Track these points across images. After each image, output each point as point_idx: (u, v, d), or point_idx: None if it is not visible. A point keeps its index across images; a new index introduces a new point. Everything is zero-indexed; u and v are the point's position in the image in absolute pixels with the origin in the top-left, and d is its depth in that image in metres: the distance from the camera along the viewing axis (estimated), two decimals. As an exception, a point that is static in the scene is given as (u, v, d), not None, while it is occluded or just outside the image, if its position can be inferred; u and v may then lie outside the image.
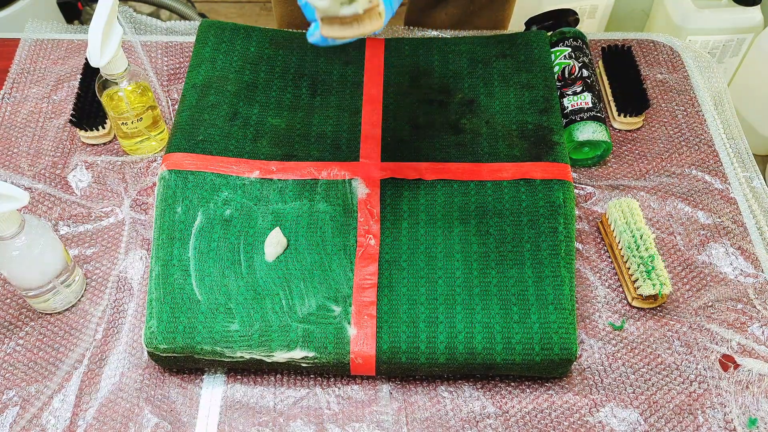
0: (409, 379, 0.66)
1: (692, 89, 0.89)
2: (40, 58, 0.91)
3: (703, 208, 0.78)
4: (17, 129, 0.84)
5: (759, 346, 0.68)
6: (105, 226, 0.76)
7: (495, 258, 0.67)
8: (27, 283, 0.65)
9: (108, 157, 0.81)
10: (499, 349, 0.63)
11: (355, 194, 0.71)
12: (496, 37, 0.84)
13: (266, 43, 0.82)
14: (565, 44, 0.85)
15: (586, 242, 0.75)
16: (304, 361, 0.63)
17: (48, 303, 0.68)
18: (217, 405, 0.65)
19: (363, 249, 0.68)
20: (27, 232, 0.62)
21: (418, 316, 0.64)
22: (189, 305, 0.64)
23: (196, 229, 0.68)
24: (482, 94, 0.78)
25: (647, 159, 0.82)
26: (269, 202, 0.70)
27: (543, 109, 0.76)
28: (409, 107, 0.78)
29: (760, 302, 0.71)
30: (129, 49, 0.90)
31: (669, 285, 0.67)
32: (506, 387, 0.66)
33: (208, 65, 0.79)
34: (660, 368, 0.67)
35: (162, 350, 0.63)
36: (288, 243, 0.68)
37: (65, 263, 0.67)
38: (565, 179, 0.71)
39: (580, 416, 0.64)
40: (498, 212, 0.69)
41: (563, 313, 0.64)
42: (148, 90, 0.77)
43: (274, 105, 0.77)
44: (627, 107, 0.83)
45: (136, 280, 0.72)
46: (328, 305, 0.65)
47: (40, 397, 0.65)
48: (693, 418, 0.64)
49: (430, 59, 0.82)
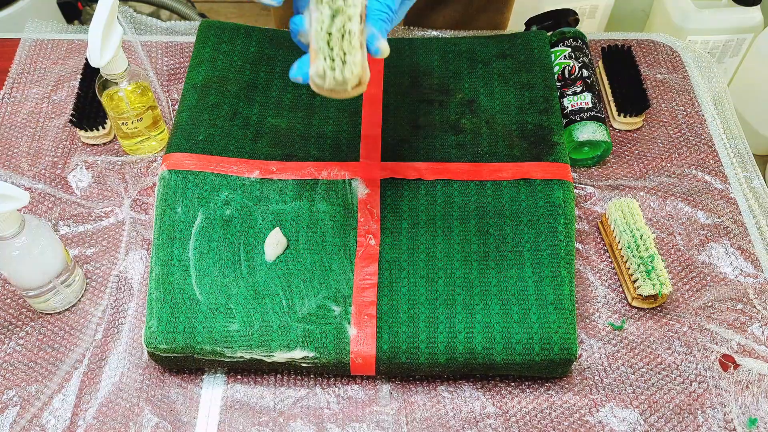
0: (409, 379, 0.66)
1: (692, 89, 0.89)
2: (40, 58, 0.91)
3: (703, 208, 0.78)
4: (17, 129, 0.84)
5: (759, 346, 0.68)
6: (105, 226, 0.76)
7: (495, 258, 0.67)
8: (27, 283, 0.65)
9: (108, 157, 0.81)
10: (499, 349, 0.63)
11: (355, 194, 0.71)
12: (496, 37, 0.84)
13: (266, 43, 0.82)
14: (565, 44, 0.85)
15: (586, 242, 0.75)
16: (304, 361, 0.63)
17: (48, 303, 0.68)
18: (217, 405, 0.65)
19: (363, 249, 0.68)
20: (27, 232, 0.62)
21: (418, 316, 0.64)
22: (189, 305, 0.64)
23: (196, 229, 0.68)
24: (482, 94, 0.78)
25: (647, 159, 0.82)
26: (269, 202, 0.70)
27: (543, 109, 0.76)
28: (409, 107, 0.78)
29: (760, 302, 0.71)
30: (129, 49, 0.90)
31: (669, 285, 0.67)
32: (506, 387, 0.66)
33: (208, 65, 0.79)
34: (660, 368, 0.67)
35: (162, 350, 0.63)
36: (288, 243, 0.68)
37: (65, 263, 0.67)
38: (565, 179, 0.71)
39: (580, 416, 0.64)
40: (498, 212, 0.69)
41: (563, 313, 0.64)
42: (148, 90, 0.77)
43: (274, 105, 0.77)
44: (627, 107, 0.83)
45: (136, 280, 0.72)
46: (328, 305, 0.65)
47: (40, 397, 0.65)
48: (693, 418, 0.64)
49: (430, 59, 0.82)
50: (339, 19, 0.54)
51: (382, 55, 0.57)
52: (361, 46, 0.55)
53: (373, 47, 0.56)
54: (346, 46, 0.55)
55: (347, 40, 0.54)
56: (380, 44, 0.56)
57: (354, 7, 0.54)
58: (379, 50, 0.56)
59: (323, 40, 0.55)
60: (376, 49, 0.56)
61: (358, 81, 0.56)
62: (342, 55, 0.55)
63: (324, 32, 0.55)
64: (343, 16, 0.54)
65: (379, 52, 0.56)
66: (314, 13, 0.56)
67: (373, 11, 0.57)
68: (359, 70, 0.55)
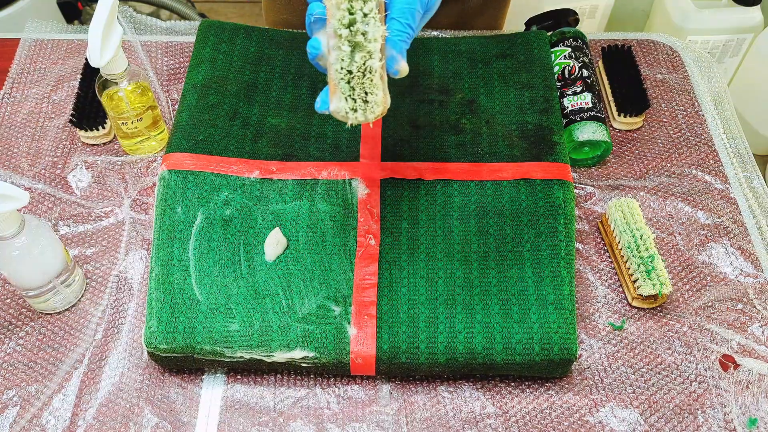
0: (409, 379, 0.66)
1: (692, 89, 0.89)
2: (40, 58, 0.91)
3: (703, 208, 0.78)
4: (17, 129, 0.84)
5: (759, 346, 0.68)
6: (105, 226, 0.76)
7: (495, 258, 0.67)
8: (27, 283, 0.65)
9: (108, 157, 0.81)
10: (499, 349, 0.63)
11: (355, 194, 0.71)
12: (496, 37, 0.84)
13: (266, 43, 0.82)
14: (565, 44, 0.85)
15: (586, 242, 0.75)
16: (304, 361, 0.63)
17: (48, 303, 0.68)
18: (217, 405, 0.65)
19: (363, 249, 0.68)
20: (27, 232, 0.62)
21: (418, 316, 0.64)
22: (189, 305, 0.64)
23: (196, 229, 0.68)
24: (482, 94, 0.78)
25: (647, 159, 0.82)
26: (269, 202, 0.70)
27: (543, 109, 0.76)
28: (409, 107, 0.78)
29: (760, 302, 0.71)
30: (129, 49, 0.90)
31: (669, 285, 0.67)
32: (506, 387, 0.66)
33: (208, 65, 0.79)
34: (660, 368, 0.67)
35: (162, 350, 0.63)
36: (288, 243, 0.68)
37: (65, 263, 0.67)
38: (565, 179, 0.71)
39: (580, 416, 0.64)
40: (498, 212, 0.69)
41: (563, 313, 0.64)
42: (148, 90, 0.77)
43: (274, 105, 0.77)
44: (627, 107, 0.83)
45: (136, 280, 0.72)
46: (328, 305, 0.65)
47: (40, 397, 0.65)
48: (693, 418, 0.64)
49: (430, 59, 0.82)
50: (359, 56, 0.52)
51: (401, 76, 0.55)
52: (381, 78, 0.53)
53: (392, 69, 0.54)
54: (367, 86, 0.52)
55: (368, 78, 0.52)
56: (400, 66, 0.54)
57: (374, 42, 0.52)
58: (398, 72, 0.54)
59: (343, 80, 0.53)
60: (395, 71, 0.54)
61: (381, 113, 0.54)
62: (363, 96, 0.53)
63: (344, 70, 0.52)
64: (362, 51, 0.52)
65: (398, 73, 0.54)
66: (332, 41, 0.53)
67: (393, 32, 0.54)
68: (381, 109, 0.53)
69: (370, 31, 0.52)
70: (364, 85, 0.53)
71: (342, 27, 0.52)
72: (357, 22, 0.52)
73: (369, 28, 0.52)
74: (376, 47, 0.52)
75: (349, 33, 0.52)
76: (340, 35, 0.52)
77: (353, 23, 0.52)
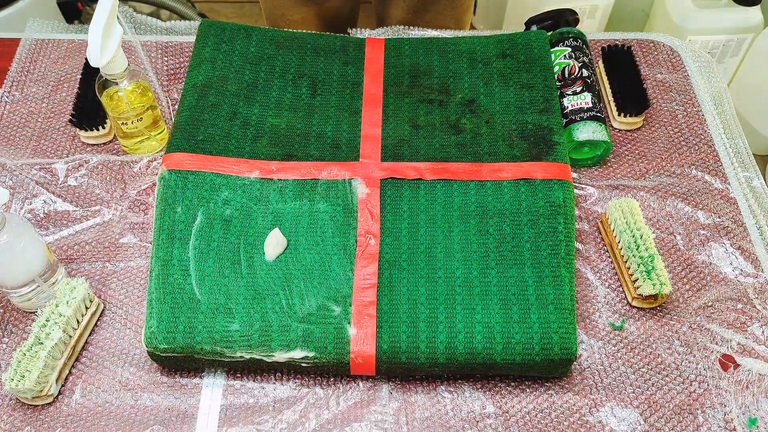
0: (409, 379, 0.66)
1: (692, 89, 0.89)
2: (40, 57, 0.91)
3: (703, 208, 0.78)
4: (17, 129, 0.84)
5: (759, 346, 0.68)
6: (104, 225, 0.76)
7: (495, 258, 0.67)
8: (11, 281, 0.65)
9: (108, 156, 0.81)
10: (499, 349, 0.63)
11: (355, 194, 0.71)
12: (496, 37, 0.84)
13: (266, 43, 0.82)
14: (565, 44, 0.85)
15: (586, 242, 0.75)
16: (304, 361, 0.63)
17: (31, 302, 0.68)
18: (217, 405, 0.65)
19: (363, 249, 0.68)
20: (8, 230, 0.61)
21: (418, 316, 0.64)
22: (189, 305, 0.64)
23: (195, 228, 0.68)
24: (482, 93, 0.78)
25: (647, 159, 0.82)
26: (269, 202, 0.70)
27: (543, 109, 0.76)
28: (409, 107, 0.78)
29: (760, 302, 0.71)
30: (129, 49, 0.90)
31: (669, 285, 0.67)
32: (506, 387, 0.66)
33: (208, 65, 0.79)
34: (660, 368, 0.67)
35: (162, 350, 0.63)
36: (288, 243, 0.68)
37: (48, 261, 0.66)
38: (565, 179, 0.71)
39: (580, 416, 0.64)
40: (498, 212, 0.69)
41: (563, 313, 0.64)
42: (148, 90, 0.77)
43: (274, 105, 0.77)
44: (627, 107, 0.83)
45: (136, 279, 0.72)
46: (328, 305, 0.65)
47: (40, 397, 0.65)
48: (693, 418, 0.64)
49: (430, 59, 0.82)
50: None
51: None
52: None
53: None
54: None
55: None
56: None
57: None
58: None
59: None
60: None
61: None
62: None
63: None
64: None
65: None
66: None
67: None
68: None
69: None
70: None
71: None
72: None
73: None
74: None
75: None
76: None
77: None
